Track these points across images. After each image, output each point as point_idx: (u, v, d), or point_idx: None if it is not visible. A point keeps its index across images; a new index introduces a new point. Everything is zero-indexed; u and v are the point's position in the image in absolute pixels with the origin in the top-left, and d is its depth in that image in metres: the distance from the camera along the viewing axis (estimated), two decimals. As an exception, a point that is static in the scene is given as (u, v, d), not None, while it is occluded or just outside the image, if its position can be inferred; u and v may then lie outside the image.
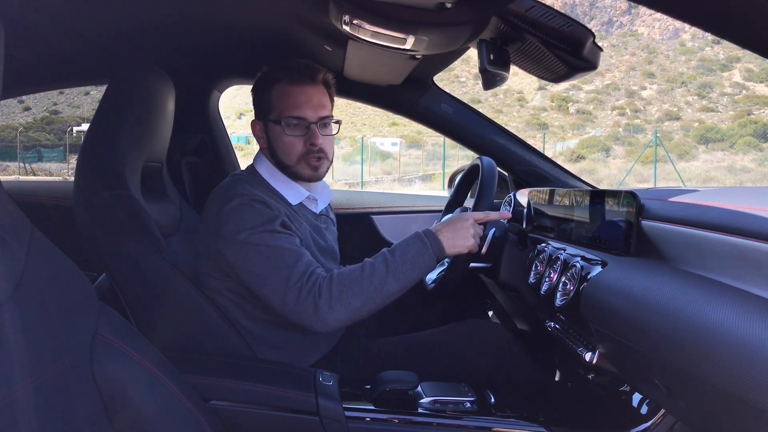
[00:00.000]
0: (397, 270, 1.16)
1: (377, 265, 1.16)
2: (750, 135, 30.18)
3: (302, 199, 1.33)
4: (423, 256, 1.18)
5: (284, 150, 1.29)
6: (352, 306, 1.13)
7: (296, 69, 1.28)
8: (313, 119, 1.28)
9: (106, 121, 1.24)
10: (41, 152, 27.87)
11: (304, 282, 1.13)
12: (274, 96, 1.29)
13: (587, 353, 1.05)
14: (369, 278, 1.14)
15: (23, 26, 1.22)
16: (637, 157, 21.46)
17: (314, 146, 1.28)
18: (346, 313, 1.13)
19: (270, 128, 1.31)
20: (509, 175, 1.95)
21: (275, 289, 1.14)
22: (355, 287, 1.13)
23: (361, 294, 1.13)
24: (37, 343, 0.69)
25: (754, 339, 0.64)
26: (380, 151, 28.10)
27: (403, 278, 1.16)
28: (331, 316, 1.12)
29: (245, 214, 1.17)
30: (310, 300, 1.11)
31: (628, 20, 72.99)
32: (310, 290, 1.12)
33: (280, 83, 1.28)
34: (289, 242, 1.18)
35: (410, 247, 1.19)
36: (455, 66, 44.42)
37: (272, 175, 1.32)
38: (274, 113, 1.29)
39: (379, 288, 1.14)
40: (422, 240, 1.20)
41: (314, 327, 1.13)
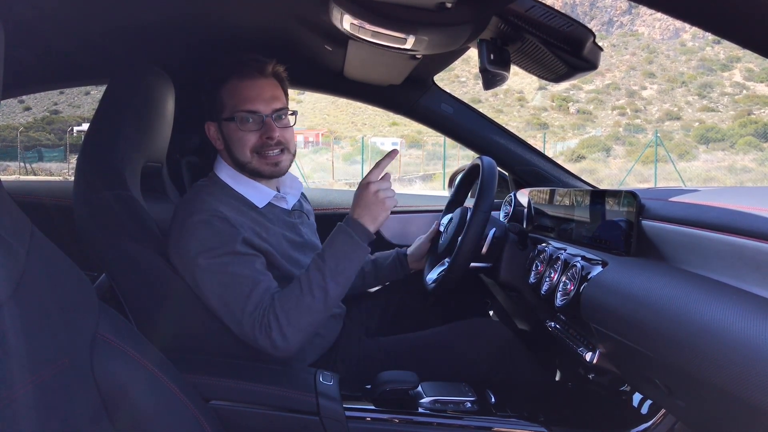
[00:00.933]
0: (333, 273, 1.15)
1: (312, 277, 1.15)
2: (750, 135, 30.17)
3: (269, 199, 1.31)
4: (352, 247, 1.17)
5: (238, 146, 1.26)
6: (302, 326, 1.13)
7: (244, 63, 1.26)
8: (267, 112, 1.26)
9: (106, 120, 1.24)
10: (42, 152, 27.88)
11: (257, 315, 1.13)
12: (224, 93, 1.27)
13: (588, 353, 1.05)
14: (309, 293, 1.14)
15: (23, 26, 1.22)
16: (637, 157, 21.45)
17: (271, 139, 1.25)
18: (301, 334, 1.14)
19: (224, 127, 1.28)
20: (509, 174, 1.95)
21: (232, 320, 1.14)
22: (299, 307, 1.13)
23: (308, 311, 1.14)
24: (37, 343, 0.69)
25: (755, 339, 0.64)
26: (381, 150, 28.04)
27: (342, 278, 1.16)
28: (287, 344, 1.13)
29: (204, 234, 1.15)
30: (263, 334, 1.12)
31: (628, 20, 72.97)
32: (261, 324, 1.12)
33: (230, 80, 1.26)
34: (248, 267, 1.17)
35: (337, 245, 1.18)
36: (455, 66, 44.40)
37: (234, 179, 1.30)
38: (227, 110, 1.26)
39: (322, 298, 1.14)
40: (346, 232, 1.18)
41: (275, 356, 1.14)
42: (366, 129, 41.70)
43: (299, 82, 1.87)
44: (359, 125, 43.62)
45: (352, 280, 1.19)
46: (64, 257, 0.80)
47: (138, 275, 1.19)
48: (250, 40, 1.57)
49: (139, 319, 1.18)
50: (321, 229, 1.55)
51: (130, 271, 1.19)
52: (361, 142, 24.50)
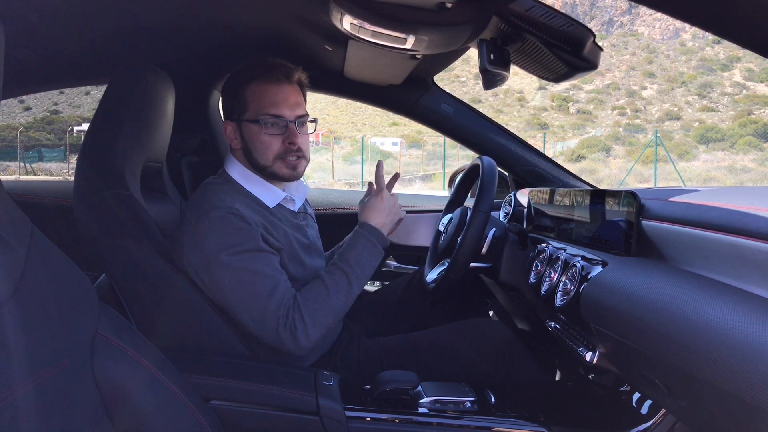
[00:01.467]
0: (357, 277, 1.23)
1: (338, 279, 1.21)
2: (750, 135, 30.17)
3: (280, 200, 1.32)
4: (374, 254, 1.26)
5: (261, 150, 1.26)
6: (325, 324, 1.18)
7: (273, 67, 1.26)
8: (291, 118, 1.26)
9: (106, 120, 1.24)
10: (42, 152, 27.89)
11: (281, 314, 1.15)
12: (248, 94, 1.26)
13: (587, 353, 1.05)
14: (335, 295, 1.20)
15: (23, 26, 1.22)
16: (637, 156, 21.45)
17: (293, 145, 1.26)
18: (321, 332, 1.18)
19: (245, 128, 1.27)
20: (509, 174, 1.95)
21: (253, 318, 1.16)
22: (324, 308, 1.18)
23: (332, 312, 1.19)
24: (37, 343, 0.69)
25: (755, 338, 0.64)
26: (381, 150, 28.07)
27: (362, 281, 1.24)
28: (308, 341, 1.16)
29: (223, 230, 1.15)
30: (287, 332, 1.15)
31: (628, 20, 72.96)
32: (286, 322, 1.15)
33: (255, 81, 1.26)
34: (269, 265, 1.18)
35: (362, 251, 1.25)
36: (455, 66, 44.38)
37: (246, 179, 1.30)
38: (250, 112, 1.26)
39: (345, 300, 1.21)
40: (368, 239, 1.26)
41: (293, 353, 1.17)
42: (366, 129, 41.71)
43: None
44: (359, 125, 43.64)
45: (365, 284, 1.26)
46: (65, 257, 0.80)
47: (138, 275, 1.19)
48: (251, 40, 1.57)
49: (139, 319, 1.18)
50: (321, 229, 1.55)
51: (130, 271, 1.19)
52: (361, 142, 24.49)
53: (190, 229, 1.17)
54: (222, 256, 1.14)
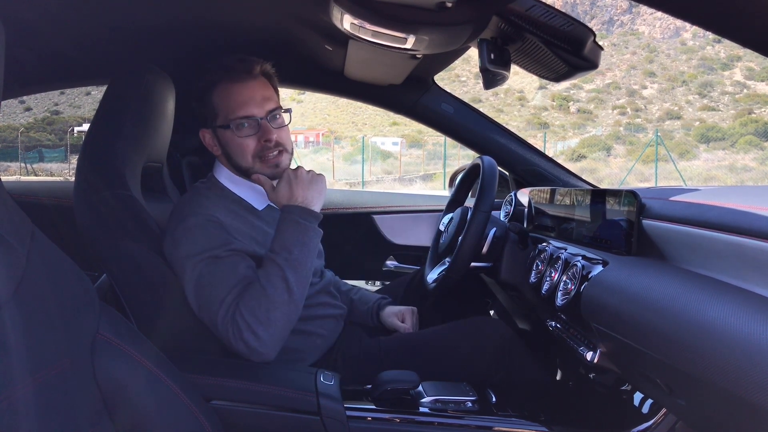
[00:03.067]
0: (288, 261, 1.12)
1: (269, 270, 1.13)
2: (751, 134, 30.16)
3: (268, 202, 1.31)
4: (301, 232, 1.15)
5: (238, 153, 1.25)
6: (271, 321, 1.10)
7: (232, 65, 1.24)
8: (261, 114, 1.24)
9: (106, 121, 1.24)
10: (42, 152, 27.90)
11: (228, 319, 1.11)
12: (215, 99, 1.25)
13: (588, 352, 1.05)
14: (271, 287, 1.11)
15: (23, 26, 1.22)
16: (638, 156, 21.44)
17: (269, 142, 1.24)
18: (273, 331, 1.11)
19: (220, 134, 1.26)
20: (510, 174, 1.95)
21: (213, 325, 1.13)
22: (261, 303, 1.10)
23: (273, 305, 1.10)
24: (38, 343, 0.69)
25: (755, 338, 0.64)
26: (381, 150, 28.11)
27: (299, 266, 1.13)
28: (261, 343, 1.10)
29: (195, 237, 1.15)
30: (235, 337, 1.10)
31: (628, 19, 72.92)
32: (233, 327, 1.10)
33: (219, 84, 1.24)
34: (231, 269, 1.14)
35: (286, 234, 1.15)
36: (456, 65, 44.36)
37: (234, 182, 1.29)
38: (220, 117, 1.25)
39: (284, 288, 1.11)
40: (290, 220, 1.16)
41: (254, 359, 1.12)
42: (366, 129, 41.69)
43: (299, 82, 1.88)
44: (360, 125, 43.62)
45: (312, 267, 1.16)
46: (65, 257, 0.80)
47: (138, 275, 1.19)
48: (250, 40, 1.57)
49: (139, 319, 1.18)
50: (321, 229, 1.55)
51: (131, 271, 1.19)
52: (361, 141, 24.48)
53: (170, 233, 1.18)
54: (190, 261, 1.14)
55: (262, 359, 1.12)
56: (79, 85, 1.93)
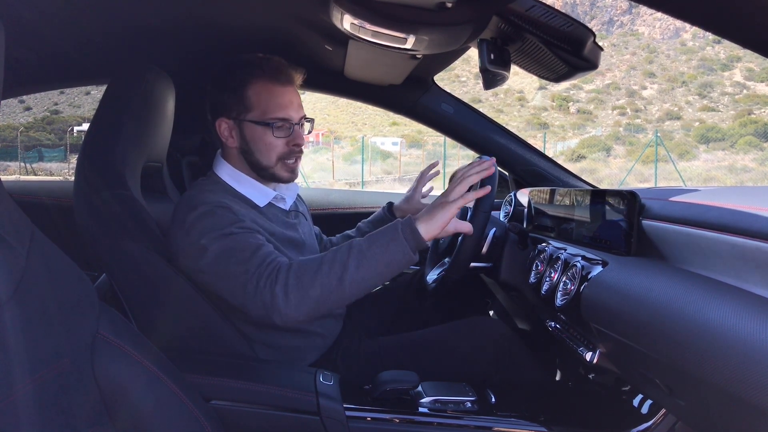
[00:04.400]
0: (361, 254, 1.07)
1: (340, 250, 1.08)
2: (751, 134, 30.16)
3: (270, 199, 1.31)
4: (394, 243, 1.08)
5: (264, 151, 1.26)
6: (309, 295, 1.05)
7: (279, 68, 1.26)
8: (296, 120, 1.27)
9: (106, 120, 1.24)
10: (42, 152, 27.89)
11: (263, 270, 1.07)
12: (252, 94, 1.25)
13: (588, 353, 1.05)
14: (329, 263, 1.06)
15: (23, 26, 1.22)
16: (637, 156, 21.44)
17: (297, 147, 1.28)
18: (303, 303, 1.05)
19: (247, 128, 1.26)
20: (510, 174, 1.95)
21: (236, 283, 1.09)
22: (312, 273, 1.05)
23: (319, 281, 1.05)
24: (37, 343, 0.69)
25: (755, 338, 0.64)
26: (381, 150, 28.10)
27: (367, 265, 1.07)
28: (287, 306, 1.05)
29: (207, 220, 1.14)
30: (267, 288, 1.05)
31: (628, 20, 72.95)
32: (268, 277, 1.06)
33: (259, 81, 1.25)
34: (250, 237, 1.13)
35: (381, 233, 1.11)
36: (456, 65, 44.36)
37: (235, 179, 1.29)
38: (255, 112, 1.25)
39: (339, 274, 1.05)
40: (397, 228, 1.10)
41: (272, 317, 1.06)
42: (366, 129, 41.70)
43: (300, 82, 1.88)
44: (359, 125, 43.63)
45: (377, 277, 1.09)
46: (65, 257, 0.80)
47: (138, 275, 1.19)
48: (251, 40, 1.57)
49: (139, 319, 1.18)
50: (321, 229, 1.55)
51: (131, 271, 1.19)
52: (361, 141, 24.47)
53: (179, 224, 1.18)
54: (204, 239, 1.12)
55: (280, 320, 1.06)
56: (79, 84, 1.93)
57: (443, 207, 1.12)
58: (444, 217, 1.11)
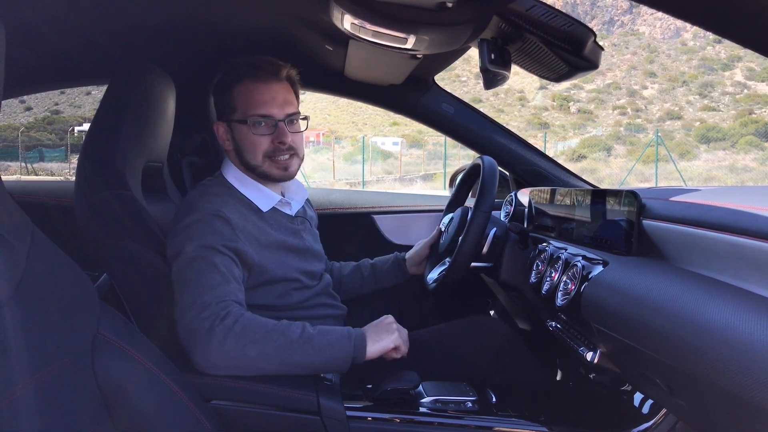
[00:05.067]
0: (308, 342, 1.08)
1: (293, 327, 1.09)
2: (751, 134, 30.17)
3: (274, 204, 1.31)
4: (341, 344, 1.11)
5: (250, 150, 1.26)
6: (244, 351, 1.03)
7: (259, 65, 1.26)
8: (280, 116, 1.26)
9: (106, 120, 1.24)
10: (42, 152, 27.90)
11: (215, 303, 1.06)
12: (236, 94, 1.26)
13: (588, 353, 1.05)
14: (278, 333, 1.07)
15: (24, 26, 1.22)
16: (638, 156, 21.43)
17: (283, 144, 1.26)
18: (235, 353, 1.03)
19: (235, 128, 1.27)
20: (510, 174, 1.94)
21: (187, 299, 1.07)
22: (258, 333, 1.05)
23: (261, 343, 1.05)
24: (38, 343, 0.69)
25: (755, 338, 0.64)
26: (381, 150, 28.09)
27: (310, 353, 1.08)
28: (219, 349, 1.02)
29: (200, 229, 1.14)
30: (208, 321, 1.03)
31: (629, 19, 72.92)
32: (217, 314, 1.04)
33: (244, 81, 1.26)
34: (227, 267, 1.13)
35: (334, 332, 1.13)
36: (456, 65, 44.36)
37: (241, 182, 1.30)
38: (239, 112, 1.26)
39: (281, 348, 1.06)
40: (348, 332, 1.14)
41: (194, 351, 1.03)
42: (367, 129, 41.69)
43: (300, 82, 1.88)
44: (360, 125, 43.64)
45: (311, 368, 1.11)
46: (65, 257, 0.80)
47: (139, 275, 1.19)
48: (251, 41, 1.57)
49: (139, 319, 1.18)
50: (321, 230, 1.55)
51: (131, 271, 1.19)
52: (361, 141, 24.47)
53: (173, 227, 1.18)
54: (188, 247, 1.13)
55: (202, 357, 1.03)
56: (79, 84, 1.94)
57: (391, 334, 1.18)
58: (387, 344, 1.16)
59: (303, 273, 1.33)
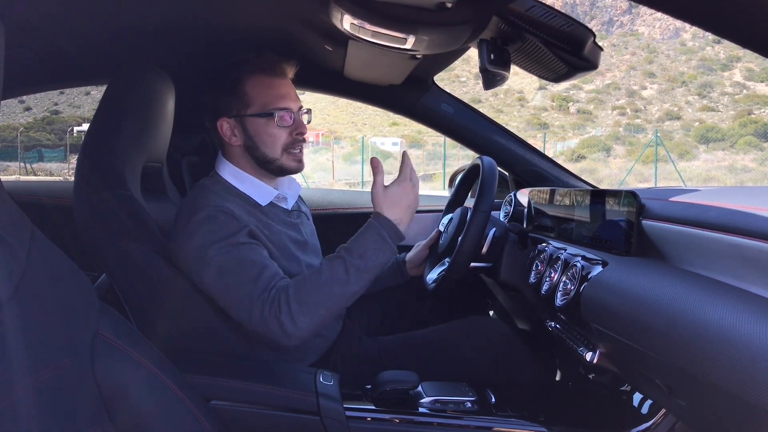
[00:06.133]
0: (357, 269, 1.13)
1: (336, 268, 1.13)
2: (750, 134, 30.17)
3: (271, 198, 1.32)
4: (382, 249, 1.15)
5: (269, 143, 1.27)
6: (316, 314, 1.10)
7: (273, 61, 1.28)
8: (296, 109, 1.30)
9: (106, 121, 1.24)
10: (42, 152, 27.88)
11: (266, 297, 1.10)
12: (249, 89, 1.27)
13: (588, 353, 1.05)
14: (329, 284, 1.12)
15: (23, 26, 1.22)
16: (637, 156, 21.44)
17: (301, 135, 1.30)
18: (312, 325, 1.11)
19: (249, 123, 1.27)
20: (510, 174, 1.95)
21: (240, 306, 1.12)
22: (316, 296, 1.11)
23: (324, 301, 1.11)
24: (37, 343, 0.69)
25: (755, 338, 0.64)
26: (381, 150, 28.07)
27: (365, 275, 1.14)
28: (297, 331, 1.09)
29: (211, 227, 1.15)
30: (272, 316, 1.09)
31: (628, 20, 72.95)
32: (272, 304, 1.10)
33: (256, 75, 1.27)
34: (255, 253, 1.16)
35: (368, 243, 1.16)
36: (456, 66, 44.37)
37: (237, 178, 1.30)
38: (255, 106, 1.27)
39: (341, 291, 1.12)
40: (379, 233, 1.16)
41: (282, 342, 1.11)
42: (366, 129, 41.70)
43: (299, 82, 1.86)
44: (359, 125, 43.63)
45: (371, 283, 1.16)
46: (65, 257, 0.80)
47: (138, 275, 1.19)
48: (251, 41, 1.57)
49: (139, 319, 1.18)
50: (321, 230, 1.55)
51: (131, 271, 1.19)
52: (361, 142, 24.47)
53: (182, 230, 1.18)
54: (210, 249, 1.13)
55: (290, 343, 1.11)
56: (79, 85, 1.93)
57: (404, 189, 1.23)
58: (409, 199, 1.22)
59: (306, 266, 1.33)
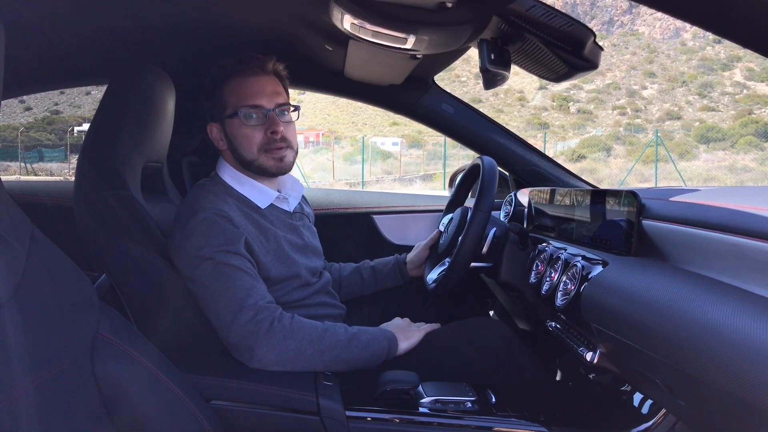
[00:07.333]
0: (353, 340, 1.19)
1: (338, 327, 1.20)
2: (751, 134, 30.14)
3: (272, 200, 1.32)
4: (378, 341, 1.23)
5: (244, 143, 1.27)
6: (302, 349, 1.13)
7: (245, 61, 1.28)
8: (270, 106, 1.27)
9: (106, 121, 1.24)
10: (42, 152, 27.87)
11: (264, 304, 1.13)
12: (226, 92, 1.27)
13: (588, 353, 1.05)
14: (329, 332, 1.17)
15: (23, 26, 1.22)
16: (638, 156, 21.43)
17: (276, 134, 1.26)
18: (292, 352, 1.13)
19: (227, 125, 1.28)
20: (510, 174, 1.95)
21: (228, 306, 1.12)
22: (314, 333, 1.16)
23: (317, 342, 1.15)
24: (38, 343, 0.69)
25: (755, 338, 0.64)
26: (381, 150, 28.06)
27: (355, 351, 1.19)
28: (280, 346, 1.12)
29: (208, 230, 1.16)
30: (267, 322, 1.12)
31: (629, 20, 72.93)
32: (272, 314, 1.13)
33: (232, 79, 1.27)
34: (248, 267, 1.17)
35: (369, 331, 1.24)
36: (456, 65, 44.38)
37: (237, 180, 1.30)
38: (229, 108, 1.27)
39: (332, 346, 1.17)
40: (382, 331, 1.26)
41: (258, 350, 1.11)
42: (366, 129, 41.67)
43: (300, 82, 1.87)
44: (360, 125, 43.60)
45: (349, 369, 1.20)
46: (65, 257, 0.80)
47: (138, 275, 1.19)
48: (251, 41, 1.57)
49: (139, 319, 1.18)
50: (321, 229, 1.55)
51: (131, 271, 1.19)
52: (361, 141, 24.46)
53: (179, 230, 1.18)
54: (204, 251, 1.14)
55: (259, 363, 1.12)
56: (79, 85, 1.93)
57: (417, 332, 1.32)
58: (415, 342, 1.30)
59: (305, 269, 1.33)
